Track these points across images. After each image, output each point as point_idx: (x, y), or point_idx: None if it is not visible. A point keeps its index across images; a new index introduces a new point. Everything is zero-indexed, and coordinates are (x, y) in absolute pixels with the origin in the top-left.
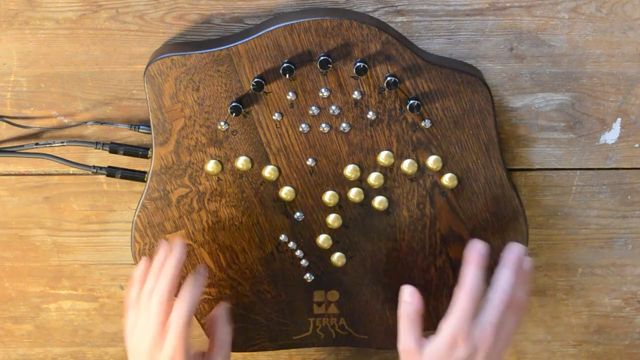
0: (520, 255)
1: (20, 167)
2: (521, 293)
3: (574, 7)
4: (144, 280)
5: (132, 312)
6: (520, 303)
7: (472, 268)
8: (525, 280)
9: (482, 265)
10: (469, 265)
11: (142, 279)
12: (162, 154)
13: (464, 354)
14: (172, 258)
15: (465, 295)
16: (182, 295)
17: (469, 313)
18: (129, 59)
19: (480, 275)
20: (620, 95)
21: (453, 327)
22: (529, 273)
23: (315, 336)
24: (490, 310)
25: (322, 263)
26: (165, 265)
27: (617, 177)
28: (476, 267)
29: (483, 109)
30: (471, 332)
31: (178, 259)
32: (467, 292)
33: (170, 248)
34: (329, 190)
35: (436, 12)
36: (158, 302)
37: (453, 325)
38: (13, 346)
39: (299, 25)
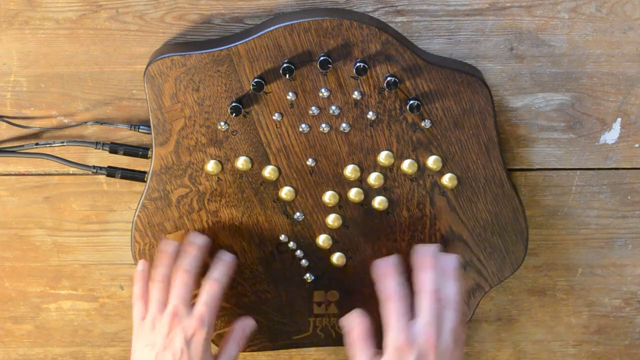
0: (427, 253)
1: (20, 167)
2: (449, 287)
3: (574, 7)
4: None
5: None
6: (450, 296)
7: (384, 280)
8: (449, 275)
9: (392, 274)
10: (381, 280)
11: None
12: (162, 154)
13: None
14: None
15: (390, 306)
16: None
17: (402, 321)
18: (129, 59)
19: (395, 283)
20: (620, 95)
21: (394, 340)
22: (451, 267)
23: (315, 336)
24: (423, 311)
25: (322, 263)
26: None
27: (617, 177)
28: (388, 278)
29: (483, 109)
30: (412, 338)
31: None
32: (390, 303)
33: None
34: (329, 190)
35: (436, 12)
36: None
37: (393, 338)
38: (13, 346)
39: (299, 26)
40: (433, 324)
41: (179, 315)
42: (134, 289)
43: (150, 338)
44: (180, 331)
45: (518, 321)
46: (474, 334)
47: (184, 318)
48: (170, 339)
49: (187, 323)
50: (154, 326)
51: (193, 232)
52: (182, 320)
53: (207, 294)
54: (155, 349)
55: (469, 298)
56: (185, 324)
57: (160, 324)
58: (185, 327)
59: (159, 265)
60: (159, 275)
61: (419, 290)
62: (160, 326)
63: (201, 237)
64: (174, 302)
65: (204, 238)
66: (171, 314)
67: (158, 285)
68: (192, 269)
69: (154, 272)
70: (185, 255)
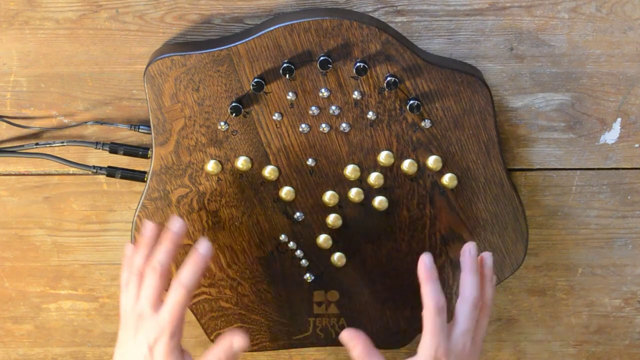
0: (474, 254)
1: (20, 167)
2: (488, 291)
3: (574, 7)
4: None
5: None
6: (487, 302)
7: (427, 285)
8: (489, 277)
9: (434, 278)
10: (424, 284)
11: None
12: (162, 154)
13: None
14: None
15: (431, 313)
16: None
17: (441, 329)
18: (129, 59)
19: (437, 288)
20: (620, 95)
21: (431, 348)
22: (490, 268)
23: (315, 336)
24: (463, 319)
25: (322, 263)
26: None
27: (617, 177)
28: (430, 283)
29: (483, 109)
30: (449, 348)
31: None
32: (432, 310)
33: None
34: (329, 190)
35: (436, 12)
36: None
37: (430, 346)
38: (13, 346)
39: (299, 26)
40: (470, 333)
41: (143, 317)
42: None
43: (123, 337)
44: (144, 336)
45: (518, 321)
46: None
47: (147, 321)
48: (137, 342)
49: (149, 327)
50: (126, 325)
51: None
52: (145, 323)
53: (173, 299)
54: (127, 348)
55: None
56: (148, 328)
57: (129, 323)
58: (148, 332)
59: (136, 254)
60: (134, 268)
61: (463, 293)
62: (129, 327)
63: (178, 223)
64: (140, 303)
65: (180, 224)
66: (137, 316)
67: (132, 278)
68: (162, 266)
69: (131, 262)
70: (160, 248)
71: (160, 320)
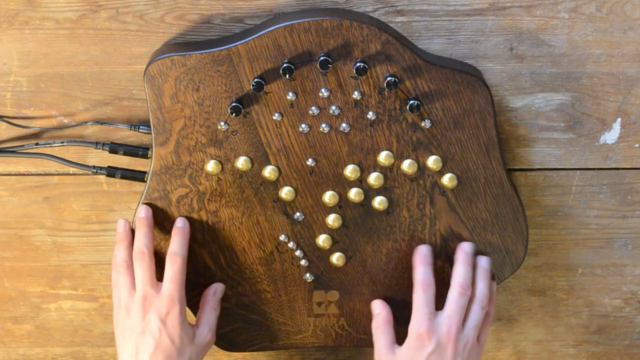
0: (470, 251)
1: (20, 167)
2: (480, 286)
3: (574, 7)
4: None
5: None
6: (479, 294)
7: (420, 267)
8: (484, 276)
9: (429, 263)
10: (417, 266)
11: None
12: (162, 154)
13: (432, 349)
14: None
15: (419, 293)
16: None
17: (427, 309)
18: (129, 59)
19: (429, 272)
20: (620, 95)
21: (416, 326)
22: (486, 269)
23: (315, 336)
24: (449, 304)
25: (322, 263)
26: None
27: (617, 177)
28: (424, 265)
29: (483, 109)
30: (434, 327)
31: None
32: (420, 290)
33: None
34: (329, 190)
35: (436, 12)
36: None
37: (415, 325)
38: (13, 346)
39: (299, 26)
40: (456, 316)
41: (148, 297)
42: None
43: (127, 323)
44: (154, 312)
45: (518, 321)
46: None
47: (154, 299)
48: (147, 321)
49: (158, 304)
50: (129, 311)
51: (141, 206)
52: (153, 301)
53: (171, 270)
54: (135, 333)
55: None
56: (157, 304)
57: (133, 308)
58: (158, 308)
59: (118, 248)
60: (119, 260)
61: (452, 282)
62: (134, 311)
63: (144, 209)
64: (140, 287)
65: (146, 210)
66: (141, 298)
67: (120, 270)
68: (146, 247)
69: (114, 258)
70: (137, 234)
71: (165, 293)
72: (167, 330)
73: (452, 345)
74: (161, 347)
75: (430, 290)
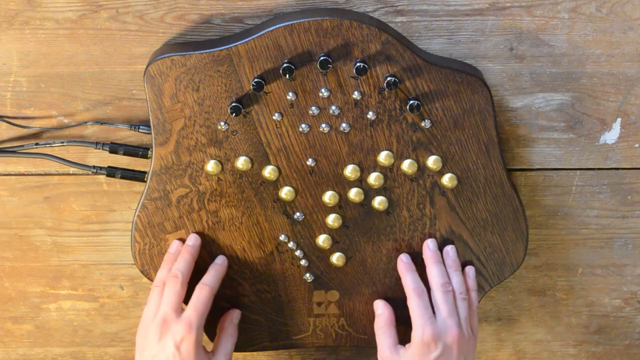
0: (435, 248)
1: (20, 167)
2: (455, 279)
3: (574, 7)
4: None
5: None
6: (457, 287)
7: (407, 275)
8: (455, 266)
9: (413, 269)
10: (403, 275)
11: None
12: (162, 154)
13: (438, 353)
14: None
15: (415, 299)
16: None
17: (427, 314)
18: (129, 59)
19: (417, 278)
20: (620, 95)
21: (420, 332)
22: (454, 259)
23: (315, 336)
24: (440, 305)
25: (322, 263)
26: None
27: (617, 177)
28: (410, 273)
29: (483, 109)
30: (438, 332)
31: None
32: (415, 296)
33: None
34: (329, 190)
35: (436, 12)
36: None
37: (419, 332)
38: (13, 346)
39: (299, 26)
40: (452, 316)
41: (168, 321)
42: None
43: (145, 343)
44: (170, 337)
45: (518, 321)
46: None
47: (172, 324)
48: (162, 345)
49: (175, 328)
50: (147, 332)
51: (192, 234)
52: (171, 325)
53: (197, 298)
54: (151, 355)
55: None
56: (174, 329)
57: (151, 329)
58: (175, 333)
59: (162, 267)
60: (157, 279)
61: (431, 285)
62: (151, 332)
63: (193, 238)
64: (163, 308)
65: (195, 239)
66: (161, 321)
67: (155, 289)
68: (182, 273)
69: (156, 276)
70: (179, 258)
71: (184, 318)
72: (182, 357)
73: (457, 345)
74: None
75: (424, 295)
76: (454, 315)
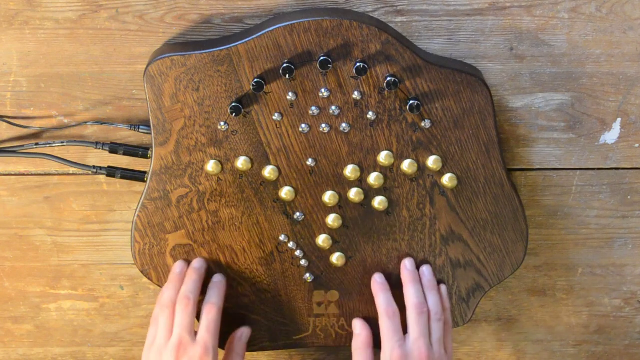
0: (412, 267)
1: (20, 167)
2: (431, 299)
3: (574, 7)
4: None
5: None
6: (432, 308)
7: (380, 295)
8: (431, 287)
9: (387, 289)
10: (377, 295)
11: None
12: (162, 154)
13: None
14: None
15: (386, 321)
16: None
17: (396, 337)
18: (129, 59)
19: (389, 299)
20: (620, 95)
21: (389, 354)
22: (430, 279)
23: (315, 336)
24: (412, 326)
25: (322, 263)
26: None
27: (617, 177)
28: (383, 293)
29: (483, 109)
30: (406, 354)
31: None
32: (386, 318)
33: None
34: (329, 190)
35: (436, 12)
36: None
37: (388, 353)
38: (13, 346)
39: (299, 26)
40: (422, 338)
41: (184, 344)
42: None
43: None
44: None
45: (518, 321)
46: (473, 334)
47: (189, 347)
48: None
49: (192, 352)
50: (161, 355)
51: (197, 258)
52: (188, 349)
53: (207, 319)
54: None
55: (468, 298)
56: (191, 353)
57: (166, 353)
58: (192, 357)
59: (168, 287)
60: (167, 300)
61: (407, 305)
62: (166, 355)
63: (200, 261)
64: (178, 332)
65: (201, 262)
66: (177, 344)
67: (165, 310)
68: (193, 295)
69: (162, 296)
70: (187, 280)
71: (200, 341)
72: None
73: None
74: None
75: (395, 318)
76: (425, 336)
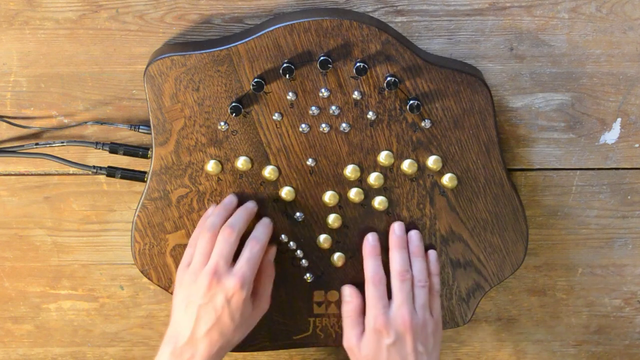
0: (401, 233)
1: (20, 167)
2: (416, 266)
3: (574, 7)
4: None
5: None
6: (417, 275)
7: (369, 260)
8: (417, 252)
9: (377, 254)
10: (366, 258)
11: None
12: (162, 154)
13: (391, 341)
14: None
15: (371, 288)
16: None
17: (380, 302)
18: (129, 59)
19: (378, 265)
20: (620, 95)
21: (373, 322)
22: (418, 244)
23: (315, 336)
24: (395, 293)
25: (322, 263)
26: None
27: (617, 177)
28: (373, 258)
29: (483, 109)
30: (390, 321)
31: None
32: (372, 285)
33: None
34: (329, 190)
35: (436, 12)
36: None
37: (371, 320)
38: (13, 346)
39: (299, 26)
40: (405, 305)
41: (219, 273)
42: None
43: (192, 289)
44: (221, 289)
45: (518, 321)
46: (473, 334)
47: (223, 277)
48: (212, 294)
49: (227, 281)
50: (196, 280)
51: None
52: (222, 278)
53: (250, 252)
54: (197, 302)
55: (468, 298)
56: (226, 282)
57: (201, 277)
58: (226, 286)
59: (213, 214)
60: (210, 225)
61: (391, 271)
62: (200, 281)
63: (254, 202)
64: (215, 259)
65: (255, 205)
66: (212, 271)
67: (206, 235)
68: (238, 227)
69: (206, 220)
70: (237, 213)
71: (237, 272)
72: (230, 309)
73: (410, 332)
74: (220, 323)
75: (381, 285)
76: (408, 303)
